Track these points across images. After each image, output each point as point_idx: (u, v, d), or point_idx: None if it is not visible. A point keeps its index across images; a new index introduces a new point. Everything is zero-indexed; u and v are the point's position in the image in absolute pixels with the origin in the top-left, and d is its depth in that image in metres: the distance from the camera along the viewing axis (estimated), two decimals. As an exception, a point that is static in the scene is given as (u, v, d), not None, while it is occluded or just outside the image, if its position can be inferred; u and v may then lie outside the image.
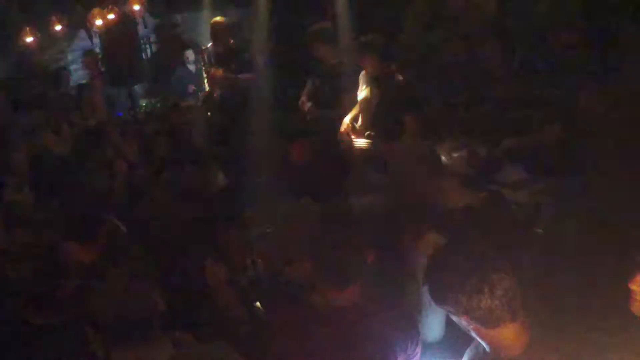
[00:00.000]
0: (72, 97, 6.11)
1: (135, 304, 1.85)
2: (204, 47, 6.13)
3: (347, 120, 4.91)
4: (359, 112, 4.79)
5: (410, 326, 2.20)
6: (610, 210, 3.86)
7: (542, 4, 5.32)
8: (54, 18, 6.97)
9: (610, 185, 4.10)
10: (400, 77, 4.69)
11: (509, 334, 1.78)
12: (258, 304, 3.21)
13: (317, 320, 2.12)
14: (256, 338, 2.30)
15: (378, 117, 4.63)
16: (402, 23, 6.17)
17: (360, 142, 4.65)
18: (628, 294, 1.95)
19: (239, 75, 5.81)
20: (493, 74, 5.44)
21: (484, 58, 5.43)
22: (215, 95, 5.96)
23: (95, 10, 6.92)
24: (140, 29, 7.20)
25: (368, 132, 4.66)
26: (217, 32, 5.93)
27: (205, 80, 6.01)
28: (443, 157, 3.79)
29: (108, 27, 6.90)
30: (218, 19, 6.06)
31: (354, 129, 4.83)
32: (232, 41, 6.07)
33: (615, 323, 1.99)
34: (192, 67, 7.64)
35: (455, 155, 4.15)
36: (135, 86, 7.07)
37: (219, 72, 5.92)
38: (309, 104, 5.27)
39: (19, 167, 4.02)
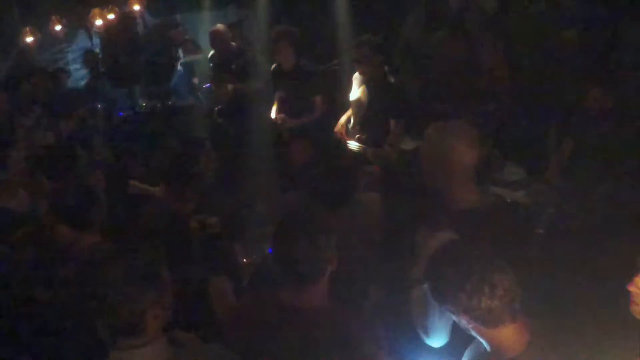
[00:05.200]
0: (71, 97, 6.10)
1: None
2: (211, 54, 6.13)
3: (342, 120, 4.86)
4: (351, 113, 4.75)
5: (377, 333, 2.13)
6: (611, 211, 3.87)
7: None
8: (54, 18, 6.98)
9: (611, 185, 4.10)
10: (392, 79, 4.66)
11: (509, 333, 1.78)
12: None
13: (283, 319, 2.07)
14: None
15: (368, 120, 4.59)
16: (401, 23, 6.17)
17: (352, 145, 4.61)
18: (627, 295, 1.95)
19: (238, 85, 5.79)
20: (493, 74, 5.45)
21: (485, 58, 5.44)
22: (219, 99, 5.96)
23: (95, 10, 6.93)
24: (140, 29, 7.20)
25: (358, 136, 4.62)
26: (215, 39, 5.93)
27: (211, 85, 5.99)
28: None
29: (108, 27, 6.90)
30: (217, 26, 6.06)
31: (347, 131, 4.79)
32: (233, 44, 6.06)
33: (615, 323, 1.99)
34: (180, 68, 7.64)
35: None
36: (135, 86, 7.07)
37: (223, 78, 5.92)
38: (279, 116, 5.22)
39: (15, 166, 3.97)
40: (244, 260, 3.57)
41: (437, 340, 2.23)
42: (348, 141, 4.70)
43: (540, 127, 4.69)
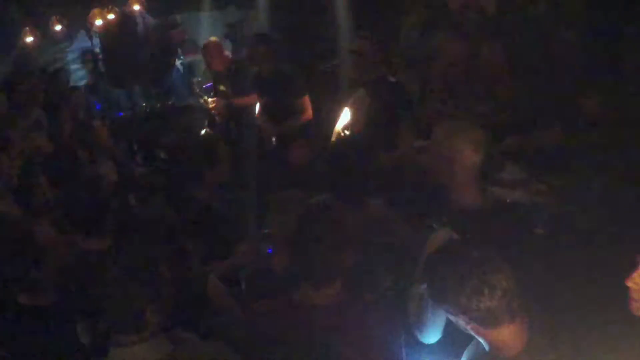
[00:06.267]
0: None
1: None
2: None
3: (338, 128, 4.82)
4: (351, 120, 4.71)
5: (395, 328, 2.15)
6: (610, 211, 3.86)
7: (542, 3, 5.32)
8: (54, 18, 6.98)
9: (610, 185, 4.10)
10: (393, 80, 4.64)
11: (508, 333, 1.79)
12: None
13: (298, 317, 2.08)
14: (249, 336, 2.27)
15: (370, 124, 4.54)
16: (401, 23, 6.17)
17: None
18: (626, 293, 1.95)
19: (235, 100, 5.78)
20: (493, 74, 5.45)
21: (485, 58, 5.43)
22: (217, 119, 5.98)
23: (95, 10, 6.94)
24: (140, 29, 7.20)
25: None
26: (210, 53, 5.91)
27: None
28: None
29: (108, 27, 6.90)
30: (211, 39, 6.06)
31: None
32: (227, 54, 6.07)
33: (615, 323, 1.99)
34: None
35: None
36: (135, 86, 7.07)
37: (221, 93, 5.91)
38: (261, 120, 5.22)
39: (6, 171, 3.91)
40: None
41: (429, 337, 2.24)
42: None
43: (541, 127, 4.67)
